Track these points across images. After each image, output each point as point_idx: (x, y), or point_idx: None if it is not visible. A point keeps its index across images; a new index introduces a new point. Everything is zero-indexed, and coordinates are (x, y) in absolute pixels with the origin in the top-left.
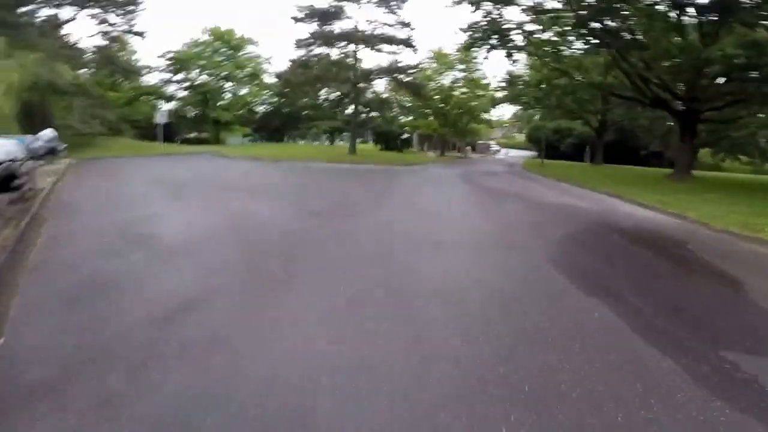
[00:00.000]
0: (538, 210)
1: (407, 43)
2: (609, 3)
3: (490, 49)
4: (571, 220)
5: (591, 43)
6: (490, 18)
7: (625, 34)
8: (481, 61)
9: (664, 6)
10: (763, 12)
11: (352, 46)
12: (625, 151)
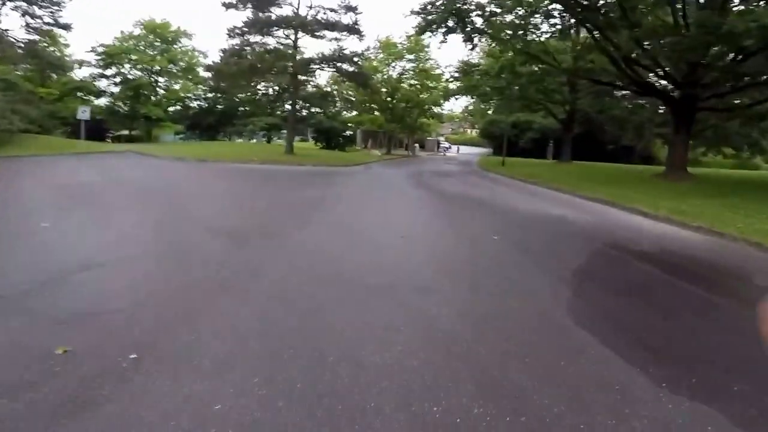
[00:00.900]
0: (515, 225)
1: (352, 29)
2: None
3: (447, 33)
4: (566, 240)
5: (564, 23)
6: None
7: (609, 9)
8: (432, 49)
9: None
10: None
11: (290, 34)
12: (591, 146)
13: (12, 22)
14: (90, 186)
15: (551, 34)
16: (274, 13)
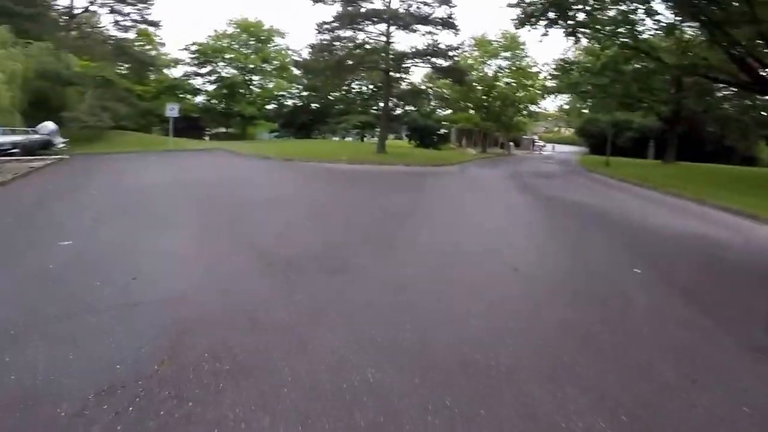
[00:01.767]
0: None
1: (447, 22)
2: None
3: (548, 25)
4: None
5: (676, 17)
6: None
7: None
8: (529, 47)
9: None
10: None
11: (382, 28)
12: (691, 146)
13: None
14: (144, 189)
15: (655, 31)
16: (365, 6)
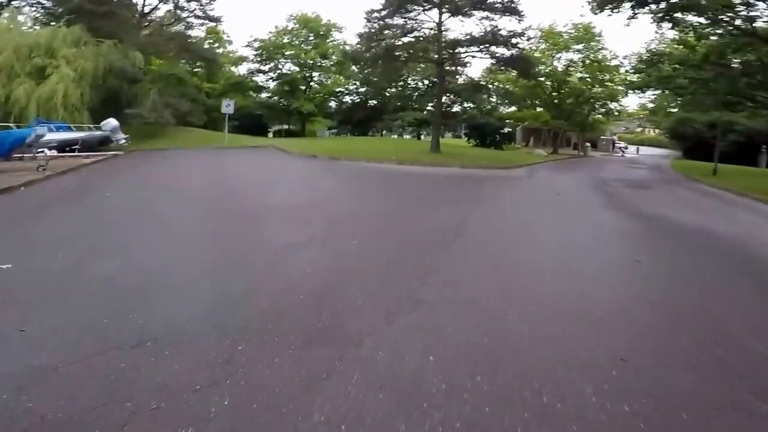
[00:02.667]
0: None
1: (509, 7)
2: None
3: (636, 6)
4: None
5: None
6: None
7: None
8: (605, 38)
9: None
10: None
11: (434, 15)
12: None
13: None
14: (162, 190)
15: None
16: None
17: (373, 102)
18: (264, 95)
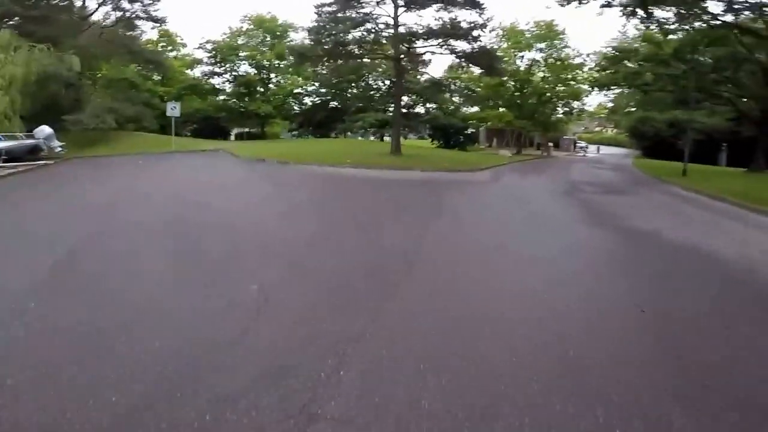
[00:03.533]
0: None
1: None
2: None
3: None
4: None
5: None
6: None
7: None
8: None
9: None
10: None
11: (389, 9)
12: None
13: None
14: (65, 206)
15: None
16: None
17: (334, 103)
18: (221, 98)
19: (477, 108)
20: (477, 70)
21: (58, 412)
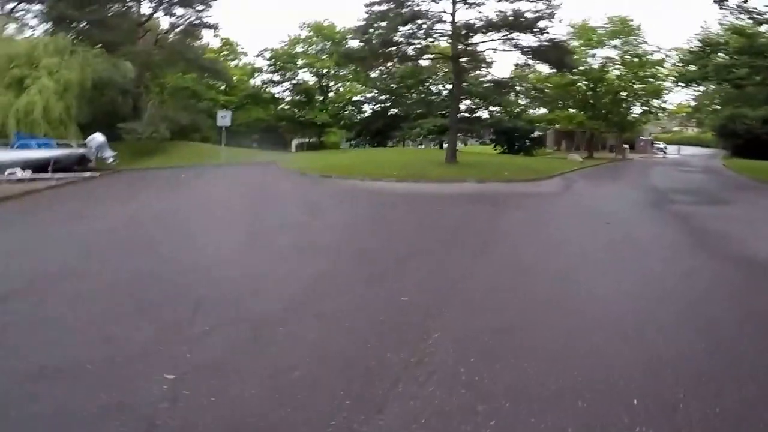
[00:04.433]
0: None
1: None
2: None
3: None
4: None
5: None
6: None
7: None
8: (645, 31)
9: None
10: None
11: (446, 4)
12: None
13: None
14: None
15: None
16: None
17: (394, 111)
18: (282, 107)
19: (545, 110)
20: (545, 69)
21: None
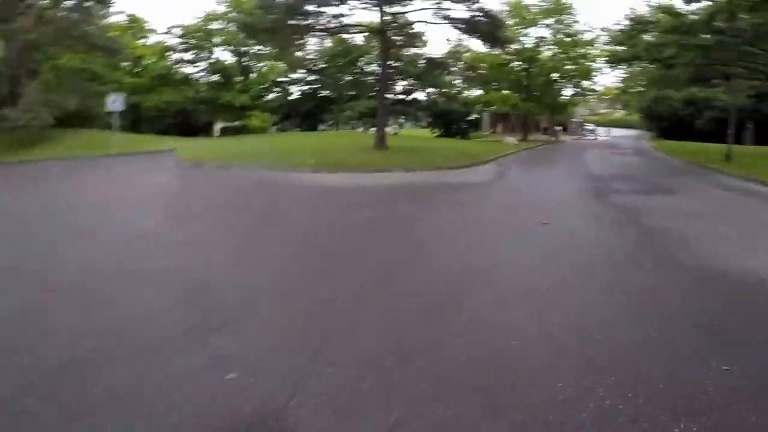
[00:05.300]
0: None
1: None
2: None
3: None
4: None
5: None
6: None
7: None
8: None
9: None
10: None
11: None
12: None
13: None
14: None
15: None
16: None
17: (326, 93)
18: (198, 89)
19: (481, 91)
20: (480, 47)
21: None
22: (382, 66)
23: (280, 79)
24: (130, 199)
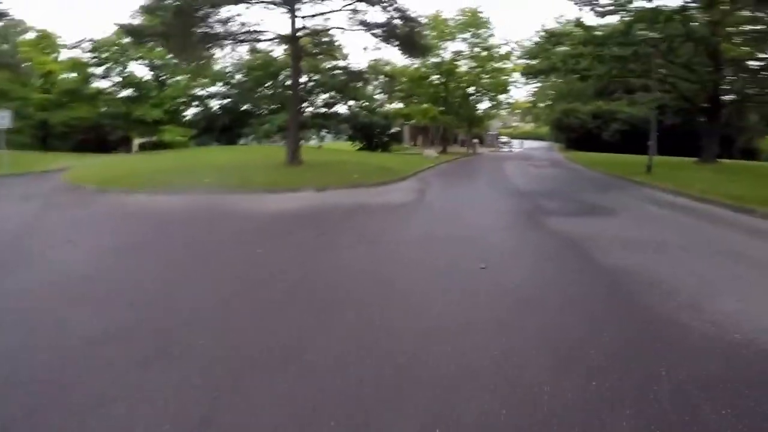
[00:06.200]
0: None
1: None
2: None
3: None
4: None
5: None
6: None
7: None
8: (493, 24)
9: None
10: None
11: None
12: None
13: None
14: None
15: None
16: None
17: (247, 106)
18: (110, 104)
19: (401, 104)
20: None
21: None
22: (292, 76)
23: (198, 92)
24: None
